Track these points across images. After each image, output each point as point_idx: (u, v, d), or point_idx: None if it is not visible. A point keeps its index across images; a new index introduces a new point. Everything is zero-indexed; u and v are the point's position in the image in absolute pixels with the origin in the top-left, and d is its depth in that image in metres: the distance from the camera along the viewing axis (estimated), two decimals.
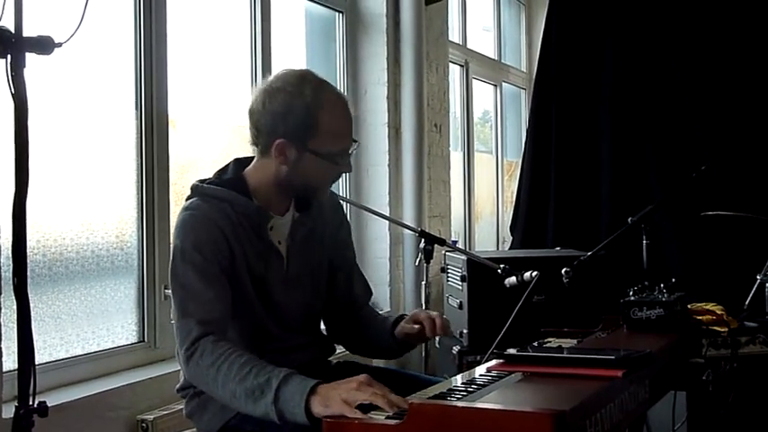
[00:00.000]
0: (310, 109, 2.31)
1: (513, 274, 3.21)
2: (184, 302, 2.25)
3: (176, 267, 2.29)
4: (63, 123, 3.27)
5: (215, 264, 2.28)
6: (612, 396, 1.95)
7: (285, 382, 2.02)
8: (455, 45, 6.77)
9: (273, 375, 2.05)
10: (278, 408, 2.01)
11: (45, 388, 3.00)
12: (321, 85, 2.36)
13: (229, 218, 2.33)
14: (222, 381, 2.13)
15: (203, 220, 2.30)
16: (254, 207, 2.36)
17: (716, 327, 3.49)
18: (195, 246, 2.27)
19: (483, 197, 7.58)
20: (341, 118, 2.38)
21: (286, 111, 2.30)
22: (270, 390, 2.03)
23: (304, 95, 2.31)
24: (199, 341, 2.19)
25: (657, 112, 5.69)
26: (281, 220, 2.45)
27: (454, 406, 1.79)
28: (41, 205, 3.13)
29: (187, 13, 3.93)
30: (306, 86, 2.33)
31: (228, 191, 2.36)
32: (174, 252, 2.31)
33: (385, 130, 5.37)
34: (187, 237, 2.29)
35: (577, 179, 5.87)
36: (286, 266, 2.44)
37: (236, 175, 2.43)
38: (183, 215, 2.34)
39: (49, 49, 1.78)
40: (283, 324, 2.43)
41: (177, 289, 2.28)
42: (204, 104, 4.11)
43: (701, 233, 5.19)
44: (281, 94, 2.31)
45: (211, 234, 2.29)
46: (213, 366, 2.15)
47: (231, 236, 2.31)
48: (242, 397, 2.09)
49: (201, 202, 2.35)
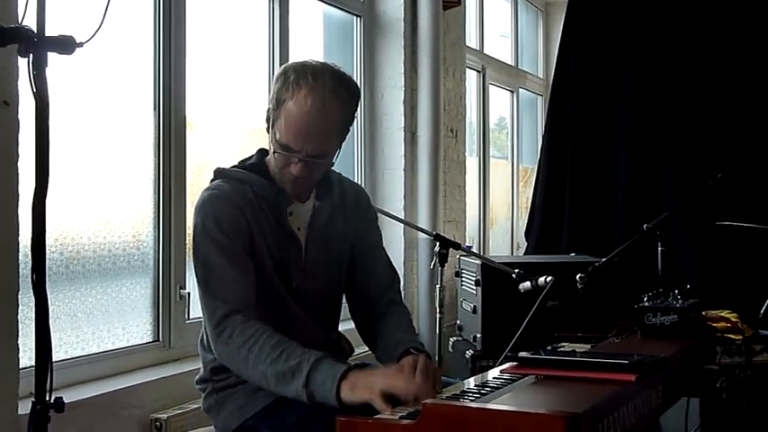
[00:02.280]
0: (283, 90, 2.29)
1: (528, 279, 3.22)
2: (208, 281, 2.27)
3: (198, 245, 2.31)
4: (82, 123, 3.29)
5: (237, 242, 2.29)
6: (625, 400, 1.95)
7: (316, 368, 2.07)
8: (472, 50, 6.78)
9: (305, 359, 2.09)
10: (309, 390, 2.06)
11: (60, 385, 3.00)
12: (307, 77, 2.28)
13: (249, 200, 2.34)
14: (253, 362, 2.16)
15: (224, 199, 2.32)
16: (274, 189, 2.37)
17: (730, 334, 3.49)
18: (217, 223, 2.28)
19: (498, 203, 7.58)
20: (300, 115, 2.27)
21: (275, 95, 2.32)
22: (301, 374, 2.07)
23: (287, 77, 2.30)
24: (227, 319, 2.21)
25: (674, 120, 5.67)
26: (302, 207, 2.45)
27: (467, 407, 1.80)
28: (60, 204, 3.15)
29: (206, 16, 3.96)
30: (295, 74, 2.30)
31: (250, 173, 2.38)
32: (195, 230, 2.32)
33: (401, 134, 5.38)
34: (208, 214, 2.30)
35: (593, 186, 5.86)
36: (304, 254, 2.44)
37: (259, 160, 2.45)
38: (203, 194, 2.36)
39: (71, 48, 1.79)
40: (306, 308, 2.43)
41: (199, 267, 2.30)
42: (221, 106, 4.13)
43: (717, 241, 5.18)
44: (280, 78, 2.33)
45: (232, 212, 2.30)
46: (244, 347, 2.17)
47: (251, 217, 2.33)
48: (272, 378, 2.13)
49: (222, 182, 2.37)
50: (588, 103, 5.96)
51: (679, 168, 5.56)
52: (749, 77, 5.51)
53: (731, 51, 5.58)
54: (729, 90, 5.53)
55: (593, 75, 5.98)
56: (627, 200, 5.70)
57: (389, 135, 5.33)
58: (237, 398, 2.37)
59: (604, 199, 5.81)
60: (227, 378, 2.37)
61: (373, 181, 5.36)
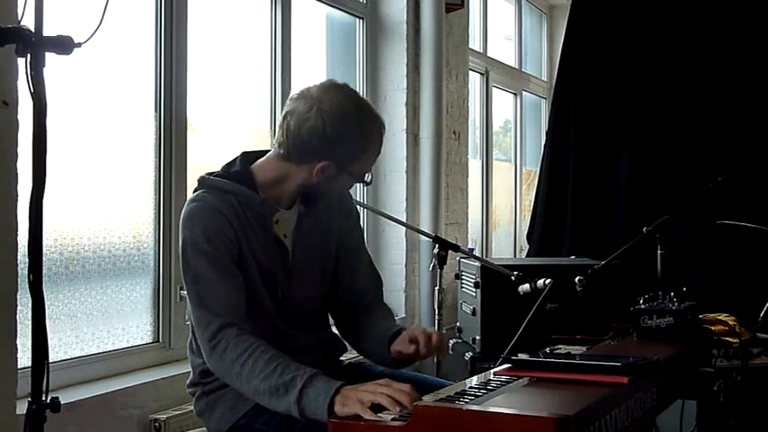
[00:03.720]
0: (362, 141, 2.37)
1: (527, 282, 3.22)
2: (199, 294, 2.27)
3: (187, 259, 2.30)
4: (83, 123, 3.30)
5: (226, 253, 2.29)
6: (618, 402, 1.95)
7: (310, 384, 2.07)
8: (475, 53, 6.78)
9: (298, 375, 2.09)
10: (300, 406, 2.06)
11: (60, 386, 3.03)
12: (375, 118, 2.42)
13: (235, 209, 2.34)
14: (246, 376, 2.16)
15: (210, 210, 2.31)
16: (259, 200, 2.38)
17: (727, 337, 3.48)
18: (205, 235, 2.28)
19: (501, 206, 7.59)
20: (380, 143, 2.45)
21: (341, 140, 2.33)
22: (294, 389, 2.07)
23: (364, 126, 2.37)
24: (220, 333, 2.21)
25: (676, 123, 5.67)
26: (287, 213, 2.46)
27: (458, 409, 1.80)
28: (60, 204, 3.17)
29: (208, 17, 3.97)
30: (364, 118, 2.37)
31: (234, 183, 2.37)
32: (184, 244, 2.31)
33: (403, 136, 5.39)
34: (195, 227, 2.30)
35: (595, 189, 5.86)
36: (291, 260, 2.45)
37: (244, 168, 2.44)
38: (189, 207, 2.35)
39: (69, 48, 1.79)
40: (290, 320, 2.44)
41: (190, 281, 2.30)
42: (223, 108, 4.14)
43: (717, 244, 5.18)
44: (338, 120, 2.32)
45: (219, 224, 2.30)
46: (238, 361, 2.17)
47: (237, 227, 2.33)
48: (265, 393, 2.13)
49: (207, 193, 2.37)
50: (591, 106, 5.96)
51: (681, 171, 5.55)
52: (751, 79, 5.50)
53: (733, 54, 5.57)
54: (731, 92, 5.53)
55: (596, 77, 5.98)
56: (629, 203, 5.70)
57: (392, 137, 5.32)
58: (228, 399, 2.38)
59: (606, 202, 5.81)
60: (216, 380, 2.37)
61: (376, 183, 5.36)
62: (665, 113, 5.73)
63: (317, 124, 2.31)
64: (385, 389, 1.98)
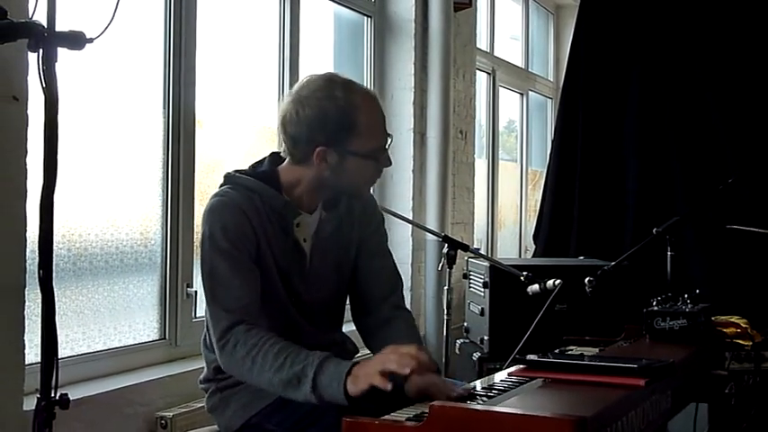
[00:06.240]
0: (345, 111, 2.31)
1: (536, 282, 3.21)
2: (213, 290, 2.28)
3: (204, 253, 2.31)
4: (92, 120, 3.29)
5: (243, 251, 2.29)
6: (634, 405, 1.94)
7: (321, 371, 2.08)
8: (482, 52, 6.76)
9: (308, 363, 2.10)
10: (317, 394, 2.08)
11: (66, 382, 3.01)
12: (350, 86, 2.36)
13: (257, 207, 2.33)
14: (258, 371, 2.16)
15: (231, 207, 2.31)
16: (282, 201, 2.37)
17: (740, 340, 3.46)
18: (223, 231, 2.28)
19: (507, 205, 7.57)
20: (375, 114, 2.39)
21: (322, 117, 2.30)
22: (306, 379, 2.09)
23: (336, 98, 2.30)
24: (230, 331, 2.22)
25: (684, 124, 5.65)
26: (309, 218, 2.45)
27: (474, 409, 1.78)
28: (68, 200, 3.15)
29: (216, 15, 3.95)
30: (336, 89, 2.32)
31: (259, 182, 2.37)
32: (203, 238, 2.32)
33: (410, 135, 5.37)
34: (215, 222, 2.30)
35: (602, 189, 5.83)
36: (308, 264, 2.44)
37: (270, 168, 2.44)
38: (211, 201, 2.35)
39: (81, 44, 1.78)
40: (307, 318, 2.44)
41: (206, 275, 2.30)
42: (231, 105, 4.12)
43: (727, 246, 5.15)
44: (312, 101, 2.31)
45: (239, 220, 2.30)
46: (248, 357, 2.17)
47: (258, 226, 2.32)
48: (279, 386, 2.14)
49: (231, 189, 2.37)
50: (598, 106, 5.94)
51: (689, 172, 5.53)
52: (759, 81, 5.48)
53: (742, 56, 5.55)
54: (740, 94, 5.51)
55: (604, 78, 5.96)
56: (636, 204, 5.68)
57: (399, 136, 5.30)
58: (241, 396, 2.38)
59: (613, 203, 5.78)
60: (230, 377, 2.37)
61: (382, 182, 5.33)
62: (674, 114, 5.70)
63: (294, 113, 2.32)
64: (391, 355, 2.04)
